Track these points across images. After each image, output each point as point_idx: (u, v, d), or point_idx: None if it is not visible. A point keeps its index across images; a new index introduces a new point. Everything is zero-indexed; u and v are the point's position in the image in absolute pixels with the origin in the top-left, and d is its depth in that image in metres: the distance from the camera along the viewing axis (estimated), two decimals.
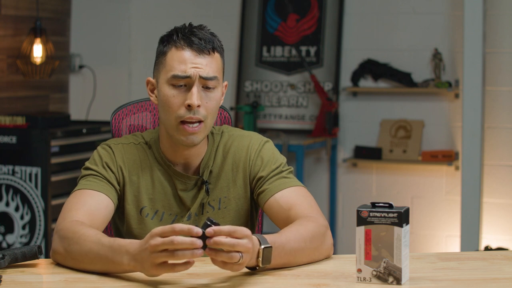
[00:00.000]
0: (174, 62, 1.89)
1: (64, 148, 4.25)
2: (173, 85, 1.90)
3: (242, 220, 2.02)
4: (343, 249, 4.90)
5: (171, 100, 1.89)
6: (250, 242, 1.60)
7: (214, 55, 1.91)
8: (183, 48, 1.89)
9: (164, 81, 1.91)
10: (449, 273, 1.73)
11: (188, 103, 1.87)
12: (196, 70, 1.88)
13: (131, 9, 5.34)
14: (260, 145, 2.02)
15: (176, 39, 1.91)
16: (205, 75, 1.89)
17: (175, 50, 1.90)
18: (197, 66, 1.88)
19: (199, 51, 1.89)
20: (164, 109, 1.91)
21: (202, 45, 1.89)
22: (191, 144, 1.92)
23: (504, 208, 4.55)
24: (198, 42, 1.89)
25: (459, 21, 4.56)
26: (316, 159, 5.04)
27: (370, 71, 4.85)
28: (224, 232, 1.56)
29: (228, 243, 1.55)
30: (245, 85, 5.10)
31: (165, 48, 1.93)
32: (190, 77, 1.88)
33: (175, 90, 1.90)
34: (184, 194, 1.99)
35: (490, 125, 4.56)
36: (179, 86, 1.89)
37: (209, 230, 1.55)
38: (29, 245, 3.29)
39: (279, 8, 5.06)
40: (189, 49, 1.89)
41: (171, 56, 1.90)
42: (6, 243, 4.20)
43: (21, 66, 4.46)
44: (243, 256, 1.58)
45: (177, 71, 1.88)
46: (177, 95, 1.89)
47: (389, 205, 1.61)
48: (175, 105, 1.89)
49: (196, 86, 1.88)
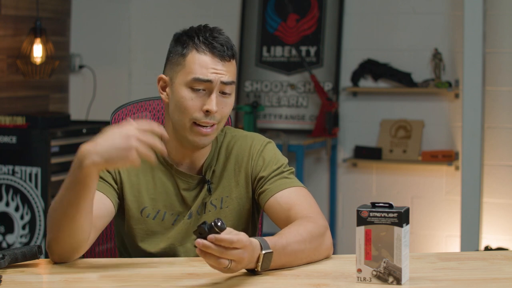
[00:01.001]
0: (195, 65, 1.89)
1: (64, 148, 4.25)
2: (191, 88, 1.90)
3: (243, 219, 2.03)
4: (343, 249, 4.90)
5: (189, 103, 1.90)
6: (246, 252, 1.61)
7: (232, 61, 1.93)
8: (205, 52, 1.90)
9: (182, 83, 1.91)
10: (449, 273, 1.73)
11: (207, 109, 1.88)
12: (217, 76, 1.89)
13: (131, 9, 5.34)
14: (262, 146, 2.03)
15: (198, 42, 1.91)
16: (225, 80, 1.90)
17: (196, 53, 1.90)
18: (218, 72, 1.89)
19: (221, 57, 1.90)
20: (180, 110, 1.91)
21: (224, 52, 1.90)
22: (202, 146, 1.94)
23: (504, 208, 4.55)
24: (220, 48, 1.90)
25: (459, 21, 4.56)
26: (316, 159, 5.04)
27: (370, 71, 4.85)
28: (226, 242, 1.57)
29: (217, 251, 1.58)
30: (245, 85, 5.10)
31: (184, 49, 1.92)
32: (211, 81, 1.89)
33: (194, 93, 1.90)
34: (187, 194, 1.99)
35: (490, 125, 4.56)
36: (198, 90, 1.90)
37: (211, 236, 1.56)
38: (29, 245, 3.29)
39: (279, 8, 5.06)
40: (211, 54, 1.90)
41: (192, 59, 1.90)
42: (6, 243, 4.19)
43: (21, 66, 4.46)
44: (232, 263, 1.60)
45: (199, 74, 1.89)
46: (195, 98, 1.90)
47: (389, 205, 1.61)
48: (192, 108, 1.90)
49: (215, 91, 1.90)
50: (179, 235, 1.99)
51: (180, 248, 1.99)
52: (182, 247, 1.99)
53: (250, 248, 1.62)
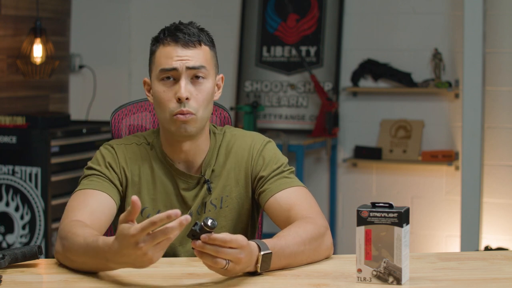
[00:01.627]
0: (162, 58, 1.92)
1: (64, 148, 4.25)
2: (162, 80, 1.92)
3: (243, 219, 2.03)
4: (343, 249, 4.90)
5: (162, 96, 1.92)
6: (243, 252, 1.60)
7: (201, 47, 1.93)
8: (169, 44, 1.92)
9: (155, 78, 1.94)
10: (449, 273, 1.73)
11: (178, 96, 1.89)
12: (182, 62, 1.90)
13: (131, 9, 5.34)
14: (262, 145, 2.03)
15: (163, 37, 1.94)
16: (191, 65, 1.90)
17: (162, 47, 1.93)
18: (183, 58, 1.91)
19: (185, 45, 1.91)
20: (158, 106, 1.94)
21: (187, 39, 1.91)
22: (185, 134, 1.92)
23: (504, 208, 4.55)
24: (183, 37, 1.92)
25: (459, 21, 4.56)
26: (316, 159, 5.04)
27: (370, 71, 4.85)
28: (219, 240, 1.57)
29: (213, 250, 1.57)
30: (245, 85, 5.10)
31: (153, 47, 1.97)
32: (176, 69, 1.90)
33: (165, 85, 1.92)
34: (186, 193, 1.99)
35: (490, 125, 4.56)
36: (168, 80, 1.91)
37: (204, 236, 1.56)
38: (29, 245, 3.29)
39: (279, 8, 5.06)
40: (175, 44, 1.92)
41: (159, 53, 1.93)
42: (6, 243, 4.19)
43: (21, 66, 4.46)
44: (230, 264, 1.59)
45: (164, 65, 1.91)
46: (167, 90, 1.91)
47: (389, 205, 1.61)
48: (166, 100, 1.91)
49: (184, 78, 1.90)
50: (179, 235, 1.98)
51: (180, 248, 1.99)
52: (182, 247, 1.99)
53: (247, 249, 1.61)
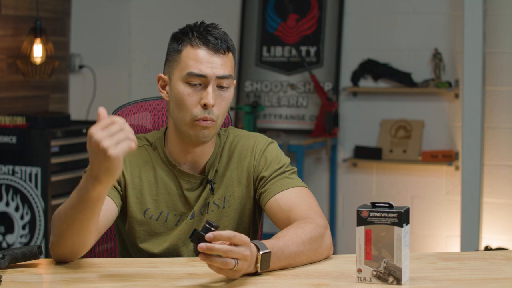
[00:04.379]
0: (190, 60, 1.89)
1: (64, 148, 4.25)
2: (188, 83, 1.90)
3: (245, 219, 2.02)
4: (343, 249, 4.90)
5: (186, 99, 1.90)
6: (248, 249, 1.60)
7: (228, 54, 1.92)
8: (199, 46, 1.90)
9: (178, 79, 1.91)
10: (449, 273, 1.73)
11: (204, 102, 1.88)
12: (212, 70, 1.89)
13: (131, 9, 5.34)
14: (265, 146, 2.03)
15: (192, 38, 1.91)
16: (221, 74, 1.90)
17: (190, 48, 1.90)
18: (213, 66, 1.89)
19: (215, 50, 1.90)
20: (179, 107, 1.91)
21: (218, 45, 1.90)
22: (203, 140, 1.92)
23: (504, 208, 4.55)
24: (214, 42, 1.90)
25: (459, 21, 4.56)
26: (316, 159, 5.04)
27: (370, 71, 4.85)
28: (224, 237, 1.56)
29: (222, 249, 1.56)
30: (245, 85, 5.10)
31: (179, 46, 1.93)
32: (206, 76, 1.89)
33: (190, 88, 1.90)
34: (190, 194, 1.99)
35: (490, 125, 4.56)
36: (194, 85, 1.90)
37: (209, 235, 1.56)
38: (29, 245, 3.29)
39: (279, 8, 5.06)
40: (205, 48, 1.90)
41: (187, 54, 1.90)
42: (6, 243, 4.19)
43: (21, 66, 4.46)
44: (239, 263, 1.59)
45: (193, 69, 1.89)
46: (192, 93, 1.90)
47: (389, 205, 1.61)
48: (190, 104, 1.89)
49: (211, 85, 1.89)
50: (182, 235, 1.98)
51: (183, 249, 1.99)
52: (185, 247, 1.99)
53: (250, 247, 1.62)
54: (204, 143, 1.96)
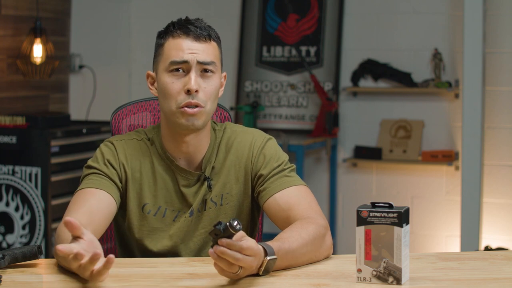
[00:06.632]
0: (172, 50, 1.92)
1: (64, 148, 4.25)
2: (171, 72, 1.91)
3: (243, 216, 2.02)
4: (343, 249, 4.90)
5: (170, 87, 1.91)
6: (256, 260, 1.61)
7: (211, 42, 1.93)
8: (180, 36, 1.92)
9: (163, 70, 1.93)
10: (449, 273, 1.73)
11: (187, 88, 1.89)
12: (193, 55, 1.90)
13: (131, 9, 5.34)
14: (263, 142, 2.02)
15: (173, 29, 1.93)
16: (202, 59, 1.90)
17: (171, 39, 1.93)
18: (194, 52, 1.91)
19: (196, 38, 1.91)
20: (164, 97, 1.92)
21: (198, 32, 1.92)
22: (192, 128, 1.91)
23: (504, 208, 4.55)
24: (194, 30, 1.92)
25: (459, 21, 4.55)
26: (316, 159, 5.04)
27: (370, 71, 4.85)
28: (236, 247, 1.56)
29: (232, 257, 1.56)
30: (245, 85, 5.10)
31: (161, 40, 1.95)
32: (188, 62, 1.90)
33: (174, 77, 1.91)
34: (187, 190, 1.98)
35: (490, 125, 4.56)
36: (177, 71, 1.91)
37: (223, 241, 1.55)
38: (29, 245, 3.28)
39: (279, 8, 5.06)
40: (186, 36, 1.92)
41: (168, 45, 1.93)
42: (6, 243, 4.19)
43: (21, 66, 4.46)
44: (241, 270, 1.59)
45: (175, 57, 1.91)
46: (176, 81, 1.91)
47: (389, 205, 1.61)
48: (174, 92, 1.90)
49: (194, 71, 1.90)
50: (181, 233, 1.98)
51: (182, 246, 1.99)
52: (184, 245, 1.99)
53: (259, 256, 1.62)
54: (196, 132, 1.94)
